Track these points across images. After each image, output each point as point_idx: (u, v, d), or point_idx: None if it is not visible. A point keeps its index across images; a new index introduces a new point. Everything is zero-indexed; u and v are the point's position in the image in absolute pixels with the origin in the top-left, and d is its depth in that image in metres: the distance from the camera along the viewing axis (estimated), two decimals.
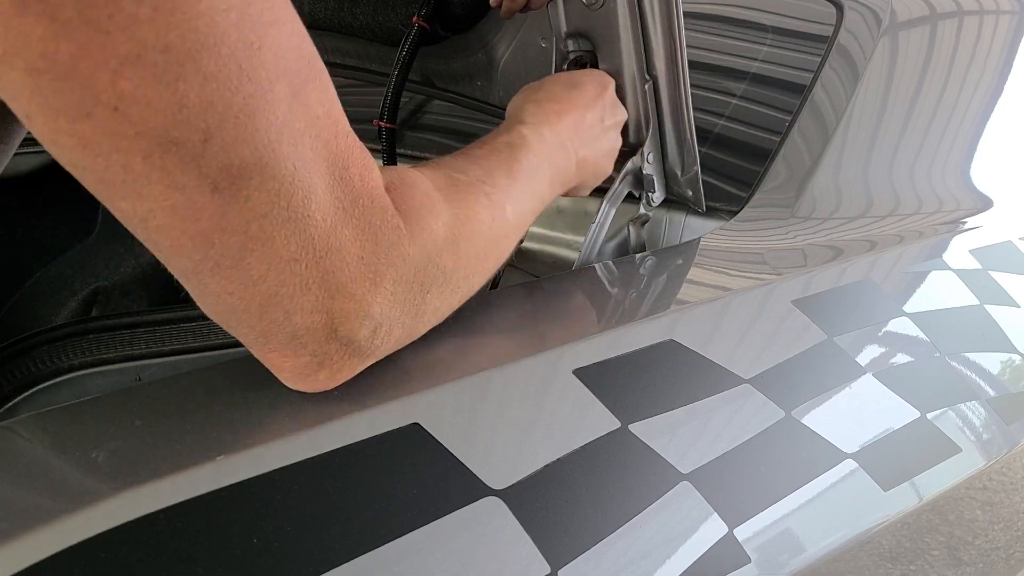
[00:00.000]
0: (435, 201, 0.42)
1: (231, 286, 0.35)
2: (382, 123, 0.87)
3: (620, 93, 0.71)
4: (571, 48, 0.72)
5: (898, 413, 0.63)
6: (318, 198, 0.35)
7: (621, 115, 0.69)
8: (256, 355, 0.40)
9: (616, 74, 0.70)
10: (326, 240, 0.36)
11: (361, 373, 0.46)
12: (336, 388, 0.43)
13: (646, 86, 0.70)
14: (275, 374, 0.40)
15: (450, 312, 0.47)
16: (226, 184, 0.33)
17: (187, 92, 0.30)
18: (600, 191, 0.76)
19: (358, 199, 0.37)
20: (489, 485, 0.42)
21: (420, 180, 0.43)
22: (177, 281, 0.39)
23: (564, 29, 0.71)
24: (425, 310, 0.43)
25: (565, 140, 0.59)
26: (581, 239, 0.75)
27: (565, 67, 0.73)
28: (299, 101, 0.34)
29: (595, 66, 0.71)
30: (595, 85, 0.66)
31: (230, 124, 0.32)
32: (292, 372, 0.40)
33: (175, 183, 0.32)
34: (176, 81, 0.30)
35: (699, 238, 0.77)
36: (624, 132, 0.73)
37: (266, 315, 0.36)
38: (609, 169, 0.68)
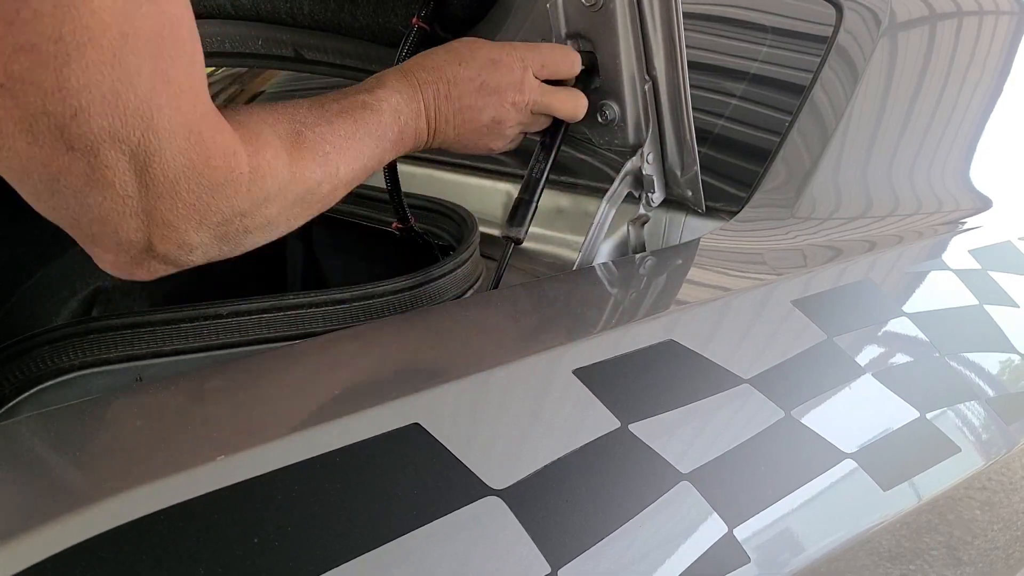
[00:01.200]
0: (279, 160, 0.48)
1: (67, 206, 0.40)
2: None
3: (619, 93, 0.71)
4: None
5: (898, 413, 0.63)
6: (163, 158, 0.40)
7: (528, 115, 0.66)
8: (80, 245, 0.44)
9: (616, 74, 0.70)
10: (162, 188, 0.41)
11: (360, 373, 0.46)
12: (336, 388, 0.44)
13: (646, 86, 0.70)
14: (96, 262, 0.45)
15: (268, 241, 0.52)
16: (81, 145, 0.37)
17: (69, 76, 0.35)
18: (600, 191, 0.76)
19: (210, 159, 0.42)
20: (489, 485, 0.42)
21: (273, 139, 0.48)
22: (178, 281, 0.41)
23: (564, 30, 0.71)
24: (243, 244, 0.49)
25: (429, 100, 0.61)
26: (581, 239, 0.75)
27: None
28: (163, 79, 0.39)
29: (595, 67, 0.71)
30: (512, 83, 0.64)
31: (97, 102, 0.36)
32: (113, 266, 0.45)
33: (37, 141, 0.36)
34: (62, 67, 0.35)
35: (699, 238, 0.77)
36: (623, 132, 0.73)
37: (95, 227, 0.42)
38: (491, 143, 0.66)
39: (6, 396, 0.52)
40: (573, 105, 0.69)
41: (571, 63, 0.68)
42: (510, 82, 0.64)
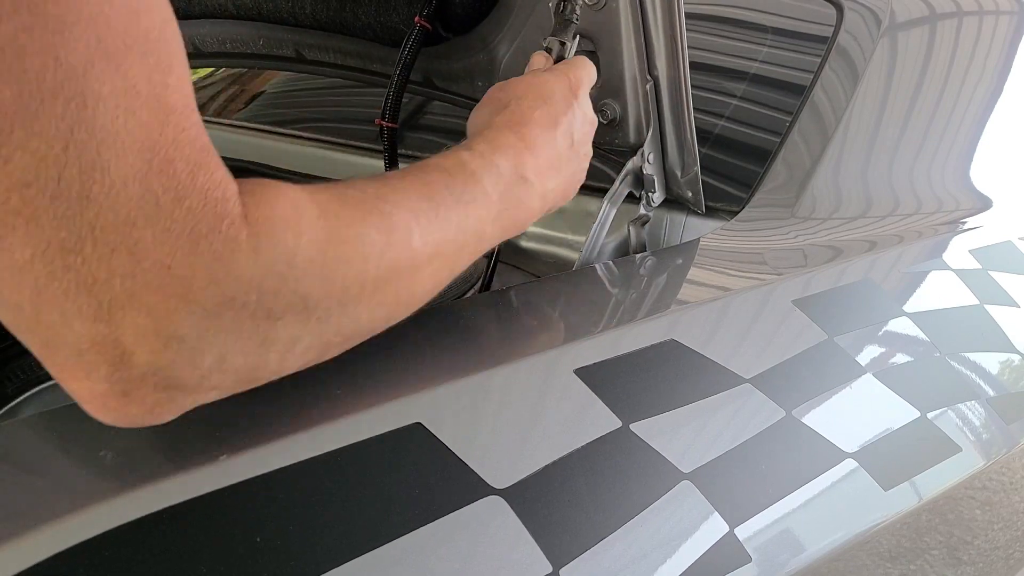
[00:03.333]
0: (303, 214, 0.35)
1: None
2: (384, 122, 0.87)
3: (620, 92, 0.71)
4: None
5: (898, 413, 0.63)
6: (110, 182, 0.29)
7: (591, 124, 0.61)
8: (52, 375, 0.33)
9: (617, 73, 0.70)
10: (115, 235, 0.29)
11: (363, 373, 0.46)
12: (339, 387, 0.43)
13: (647, 86, 0.70)
14: (80, 404, 0.33)
15: (329, 349, 0.40)
16: None
17: None
18: (600, 191, 0.76)
19: (182, 199, 0.31)
20: (491, 484, 0.42)
21: (291, 191, 0.36)
22: None
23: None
24: (277, 340, 0.35)
25: (528, 172, 0.51)
26: (581, 239, 0.75)
27: None
28: (111, 64, 0.29)
29: (597, 67, 0.71)
30: (565, 93, 0.58)
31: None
32: (92, 402, 0.33)
33: None
34: None
35: (699, 238, 0.77)
36: (624, 131, 0.74)
37: (42, 315, 0.30)
38: (576, 187, 0.60)
39: (7, 396, 0.52)
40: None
41: (593, 72, 0.64)
42: (569, 103, 0.57)
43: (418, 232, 0.41)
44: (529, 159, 0.52)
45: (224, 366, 0.34)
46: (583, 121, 0.59)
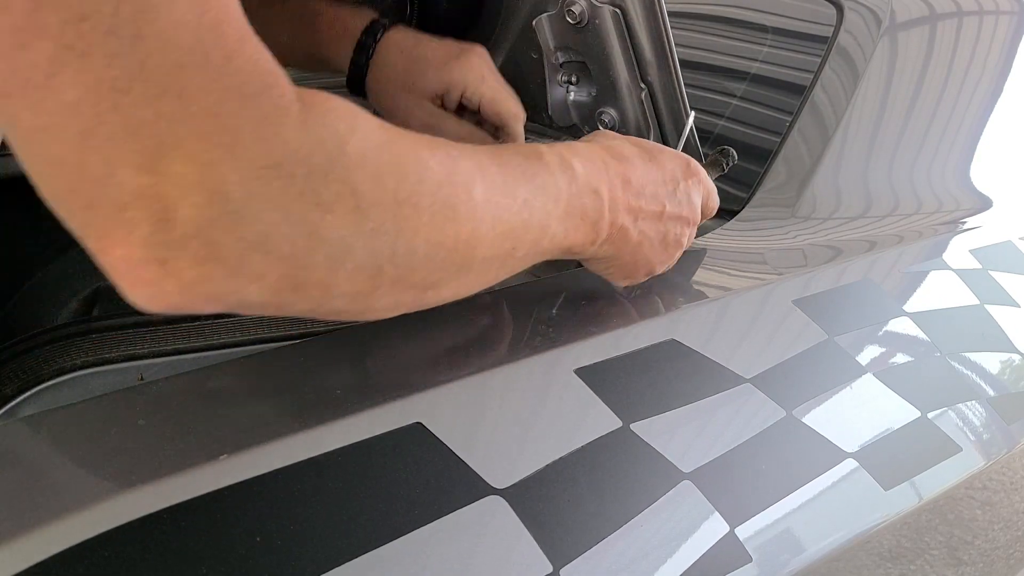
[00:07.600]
0: (358, 115, 0.35)
1: (42, 115, 0.28)
2: None
3: (616, 101, 0.71)
4: (562, 60, 0.72)
5: (898, 413, 0.63)
6: (161, 25, 0.28)
7: (689, 223, 0.56)
8: (90, 247, 0.31)
9: (610, 84, 0.70)
10: (165, 77, 0.29)
11: (363, 373, 0.46)
12: (338, 387, 0.43)
13: (642, 94, 0.70)
14: (115, 281, 0.32)
15: (380, 283, 0.37)
16: None
17: None
18: None
19: (231, 58, 0.30)
20: (492, 484, 0.42)
21: (346, 102, 0.35)
22: None
23: (552, 43, 0.71)
24: (326, 240, 0.33)
25: (602, 187, 0.48)
26: None
27: (559, 77, 0.73)
28: None
29: (587, 76, 0.71)
30: (679, 165, 0.55)
31: None
32: (128, 275, 0.31)
33: None
34: None
35: (705, 247, 0.77)
36: None
37: (86, 166, 0.29)
38: (659, 264, 0.56)
39: (7, 396, 0.52)
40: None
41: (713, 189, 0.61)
42: (676, 177, 0.54)
43: (481, 186, 0.39)
44: (603, 175, 0.48)
45: (268, 247, 0.32)
46: (687, 206, 0.54)
